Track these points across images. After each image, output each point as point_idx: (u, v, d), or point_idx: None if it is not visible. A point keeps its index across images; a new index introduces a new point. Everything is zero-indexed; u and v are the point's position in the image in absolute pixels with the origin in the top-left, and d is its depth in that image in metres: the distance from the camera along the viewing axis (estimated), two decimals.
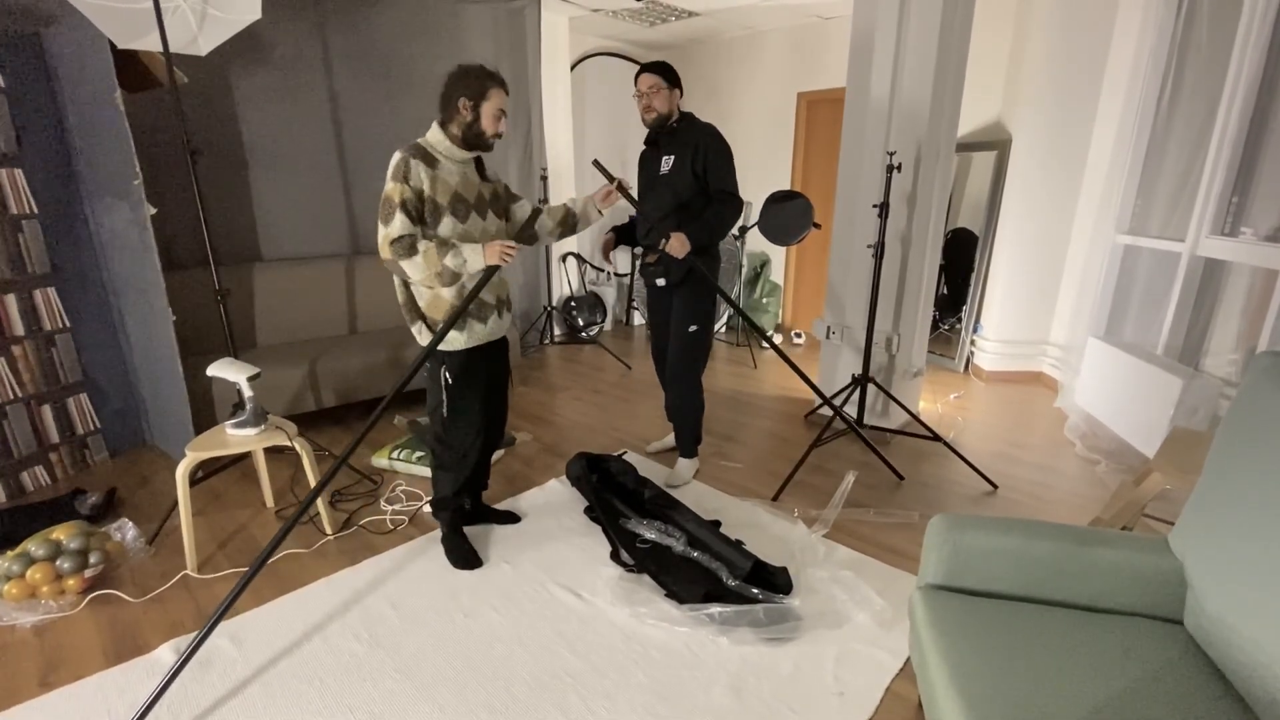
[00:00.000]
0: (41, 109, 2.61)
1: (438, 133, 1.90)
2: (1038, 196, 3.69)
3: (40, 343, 2.67)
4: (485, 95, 1.87)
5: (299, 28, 3.38)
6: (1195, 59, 2.91)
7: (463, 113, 1.86)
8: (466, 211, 1.92)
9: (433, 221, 1.88)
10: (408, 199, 1.81)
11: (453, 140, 1.90)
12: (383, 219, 1.83)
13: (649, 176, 2.57)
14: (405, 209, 1.81)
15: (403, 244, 1.81)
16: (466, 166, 1.95)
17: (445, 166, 1.89)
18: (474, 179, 1.97)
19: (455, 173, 1.90)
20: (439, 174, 1.87)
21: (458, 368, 2.02)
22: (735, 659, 1.72)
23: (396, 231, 1.81)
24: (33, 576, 1.93)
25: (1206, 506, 1.29)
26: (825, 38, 4.71)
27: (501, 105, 1.91)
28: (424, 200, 1.85)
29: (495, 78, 1.90)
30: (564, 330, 5.17)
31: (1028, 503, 2.57)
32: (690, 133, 2.44)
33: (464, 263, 1.84)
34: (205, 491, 2.65)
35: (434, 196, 1.85)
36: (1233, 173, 2.63)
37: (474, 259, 1.85)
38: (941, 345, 4.34)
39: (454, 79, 1.88)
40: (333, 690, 1.63)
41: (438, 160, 1.88)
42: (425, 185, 1.84)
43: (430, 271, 1.84)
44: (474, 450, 2.12)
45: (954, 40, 2.78)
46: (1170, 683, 1.12)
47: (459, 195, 1.90)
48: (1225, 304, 2.82)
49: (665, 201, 2.49)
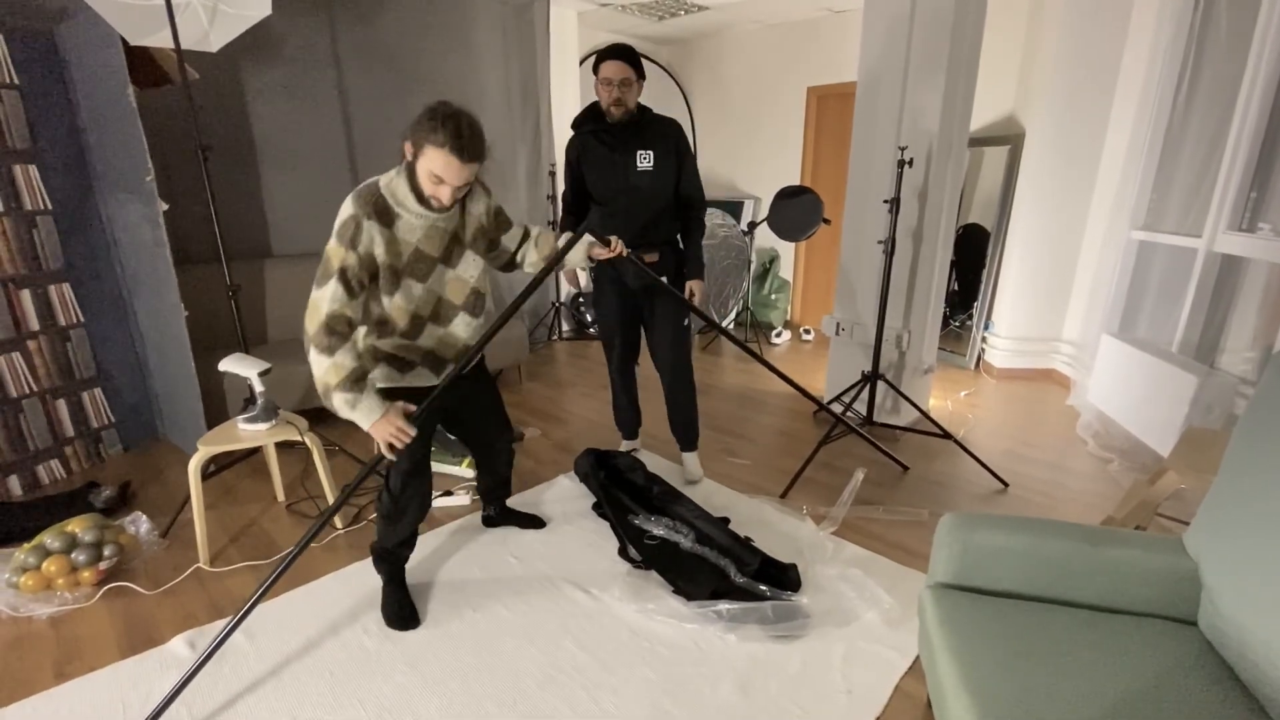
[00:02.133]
0: (55, 106, 2.64)
1: (404, 186, 1.56)
2: (1051, 191, 3.65)
3: (55, 337, 2.70)
4: (420, 151, 1.48)
5: (309, 23, 3.39)
6: (1213, 50, 2.86)
7: (406, 156, 1.54)
8: (430, 267, 1.65)
9: (388, 287, 1.60)
10: (349, 266, 1.51)
11: (420, 198, 1.56)
12: (317, 279, 1.53)
13: (621, 174, 2.32)
14: (344, 278, 1.51)
15: (325, 333, 1.50)
16: (439, 217, 1.62)
17: (405, 222, 1.58)
18: (445, 226, 1.65)
19: (418, 229, 1.60)
20: (397, 233, 1.57)
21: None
22: (743, 656, 1.72)
23: (325, 307, 1.50)
24: (48, 569, 1.95)
25: (1222, 506, 1.27)
26: (836, 32, 4.67)
27: (439, 171, 1.47)
28: (376, 265, 1.57)
29: (438, 132, 1.45)
30: (571, 326, 5.17)
31: (1039, 501, 2.55)
32: (663, 127, 2.35)
33: (348, 412, 1.54)
34: (217, 485, 2.67)
35: (390, 262, 1.57)
36: (1251, 167, 2.59)
37: (360, 418, 1.54)
38: (952, 342, 4.31)
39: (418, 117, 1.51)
40: (343, 683, 1.64)
41: (397, 215, 1.56)
42: (379, 250, 1.54)
43: (321, 381, 1.53)
44: (413, 506, 1.82)
45: (966, 33, 2.75)
46: (1183, 684, 1.11)
47: (421, 253, 1.62)
48: (1242, 300, 2.78)
49: (649, 202, 2.35)
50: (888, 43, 2.85)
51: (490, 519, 2.37)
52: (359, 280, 1.54)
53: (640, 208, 2.36)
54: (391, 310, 1.65)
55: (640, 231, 2.36)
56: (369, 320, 1.67)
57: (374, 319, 1.67)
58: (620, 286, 2.45)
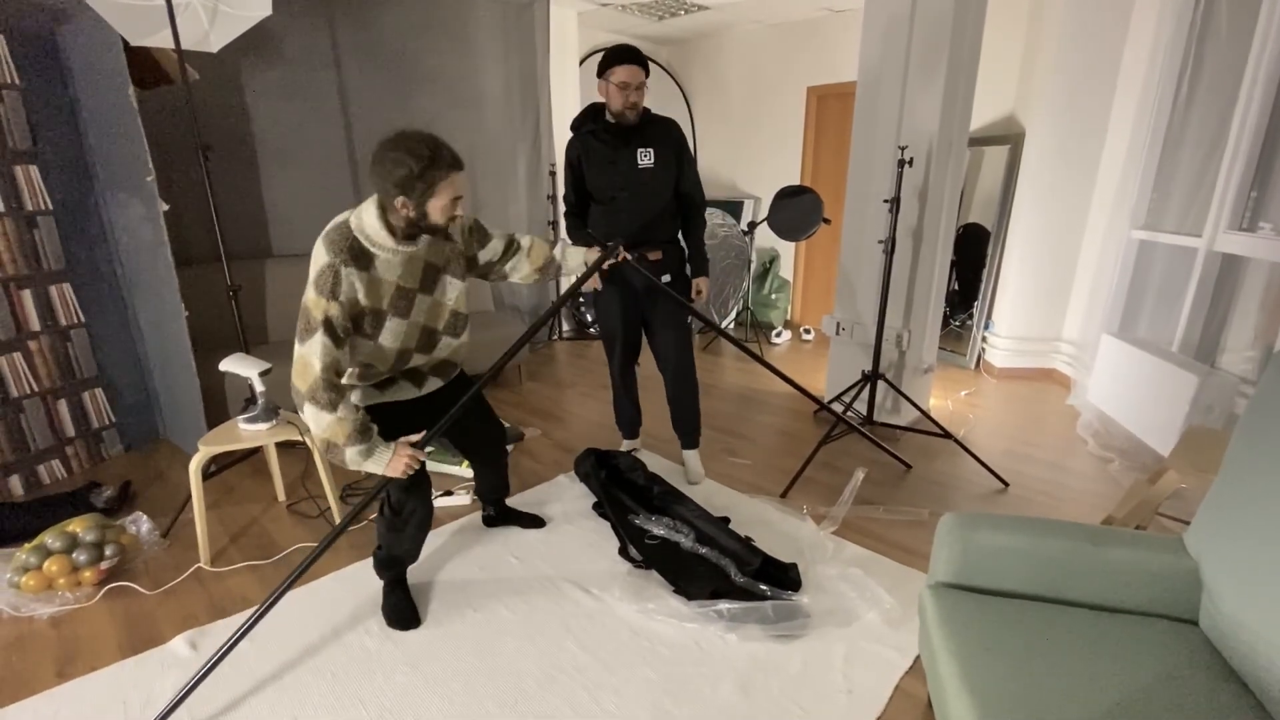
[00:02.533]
0: (56, 106, 2.64)
1: (376, 224, 1.51)
2: (1051, 191, 3.65)
3: (56, 338, 2.70)
4: (431, 191, 1.48)
5: (309, 24, 3.39)
6: (1214, 49, 2.86)
7: (402, 210, 1.49)
8: (410, 301, 1.63)
9: (373, 330, 1.59)
10: (333, 317, 1.47)
11: (393, 233, 1.53)
12: (299, 334, 1.49)
13: (623, 171, 2.33)
14: (330, 329, 1.47)
15: (324, 389, 1.47)
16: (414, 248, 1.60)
17: (382, 261, 1.54)
18: (421, 253, 1.63)
19: (395, 266, 1.57)
20: (376, 273, 1.53)
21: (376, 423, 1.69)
22: (744, 656, 1.72)
23: (318, 362, 1.46)
24: (49, 568, 1.95)
25: (1223, 506, 1.27)
26: (836, 31, 4.67)
27: (456, 193, 1.51)
28: (360, 309, 1.54)
29: (441, 162, 1.47)
30: (572, 326, 5.17)
31: (1039, 501, 2.55)
32: (663, 126, 2.38)
33: (361, 463, 1.53)
34: (218, 485, 2.67)
35: (373, 305, 1.55)
36: (1252, 166, 2.59)
37: (374, 465, 1.54)
38: (952, 342, 4.31)
39: (388, 162, 1.45)
40: (344, 684, 1.64)
41: (374, 256, 1.53)
42: (360, 295, 1.51)
43: (324, 438, 1.50)
44: (416, 516, 1.80)
45: (966, 32, 2.74)
46: (1184, 684, 1.11)
47: (401, 289, 1.60)
48: (1243, 300, 2.78)
49: (651, 199, 2.38)
50: (887, 42, 2.85)
51: (490, 519, 2.37)
52: (344, 329, 1.51)
53: (642, 205, 2.37)
54: (376, 351, 1.63)
55: (642, 229, 2.38)
56: (353, 362, 1.66)
57: (359, 362, 1.66)
58: (623, 286, 2.45)
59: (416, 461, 1.59)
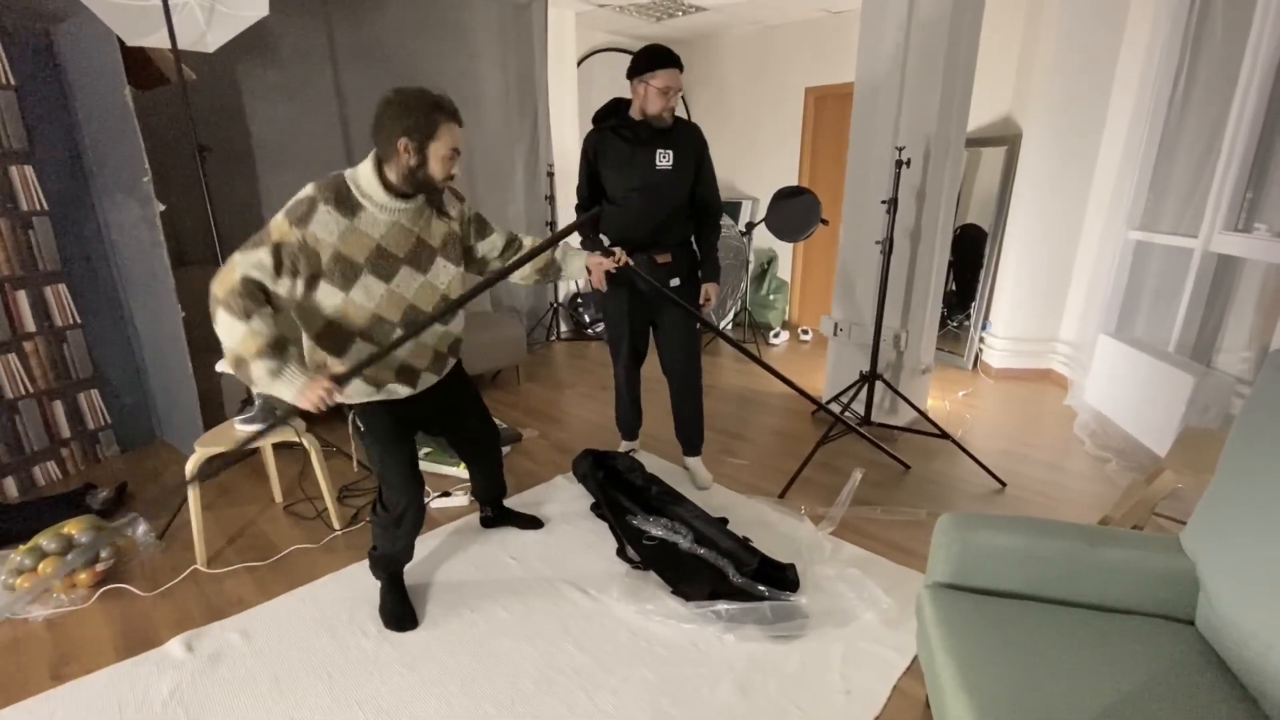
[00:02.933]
0: (51, 106, 2.63)
1: (370, 174, 1.52)
2: (1048, 192, 3.66)
3: (51, 338, 2.69)
4: (434, 134, 1.50)
5: (306, 24, 3.38)
6: (1209, 51, 2.87)
7: (404, 155, 1.49)
8: (394, 268, 1.57)
9: (343, 281, 1.50)
10: (287, 243, 1.43)
11: (387, 188, 1.52)
12: (244, 245, 1.45)
13: (640, 171, 2.30)
14: (277, 253, 1.42)
15: (239, 295, 1.39)
16: (402, 214, 1.58)
17: (368, 215, 1.52)
18: (410, 225, 1.60)
19: (382, 222, 1.54)
20: (358, 224, 1.51)
21: (369, 422, 1.73)
22: (742, 656, 1.72)
23: (242, 270, 1.40)
24: (44, 570, 1.94)
25: (1219, 506, 1.27)
26: (833, 32, 4.67)
27: (454, 143, 1.53)
28: (326, 257, 1.48)
29: (445, 108, 1.52)
30: (570, 327, 5.17)
31: (1037, 501, 2.56)
32: (687, 131, 2.36)
33: (270, 384, 1.41)
34: (214, 487, 2.66)
35: (346, 253, 1.49)
36: (1247, 167, 2.59)
37: (284, 389, 1.41)
38: (950, 342, 4.32)
39: (392, 109, 1.49)
40: (341, 685, 1.64)
41: (360, 207, 1.52)
42: (332, 237, 1.47)
43: (234, 351, 1.40)
44: (409, 516, 1.79)
45: (964, 34, 2.75)
46: (1181, 683, 1.11)
47: (384, 250, 1.55)
48: (1238, 301, 2.79)
49: (666, 201, 2.35)
50: (885, 44, 2.85)
51: (488, 520, 2.36)
52: (292, 261, 1.44)
53: (655, 207, 2.34)
54: (347, 307, 1.54)
55: (653, 231, 2.36)
56: (314, 325, 1.57)
57: (322, 322, 1.56)
58: (631, 289, 2.41)
59: (331, 397, 1.43)
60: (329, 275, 1.50)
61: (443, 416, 1.95)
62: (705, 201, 2.44)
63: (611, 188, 2.38)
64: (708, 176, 2.43)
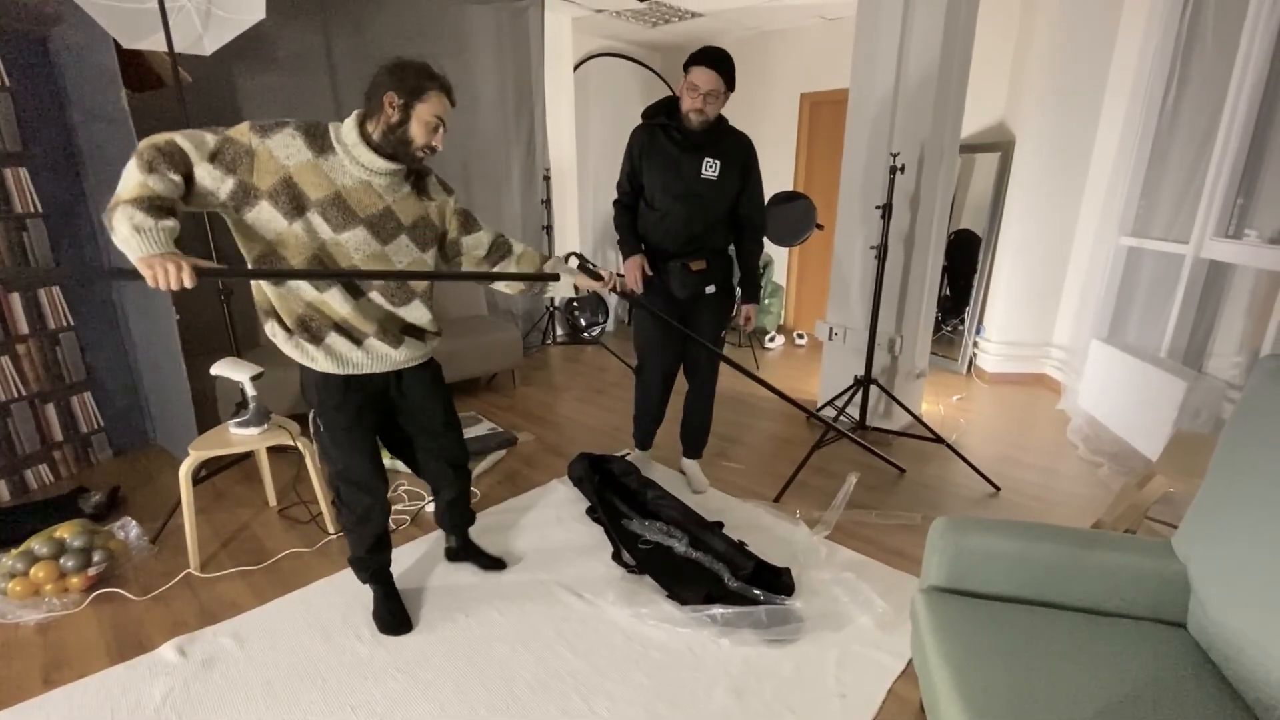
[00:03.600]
0: (47, 108, 2.62)
1: (352, 125, 1.50)
2: (1041, 198, 3.68)
3: (44, 341, 2.68)
4: (421, 95, 1.48)
5: (303, 27, 3.39)
6: (1200, 59, 2.90)
7: (388, 111, 1.47)
8: (347, 222, 1.50)
9: (288, 208, 1.44)
10: (237, 142, 1.39)
11: (366, 142, 1.49)
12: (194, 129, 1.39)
13: (684, 178, 2.24)
14: (222, 144, 1.38)
15: (155, 151, 1.30)
16: (375, 175, 1.53)
17: (336, 161, 1.49)
18: (382, 192, 1.55)
19: (351, 175, 1.50)
20: (321, 164, 1.46)
21: (323, 398, 1.63)
22: (737, 660, 1.72)
23: (177, 138, 1.33)
24: (36, 574, 1.93)
25: (1210, 510, 1.28)
26: (829, 39, 4.70)
27: (440, 113, 1.52)
28: (274, 179, 1.42)
29: (438, 79, 1.52)
30: (566, 330, 5.17)
31: (1030, 505, 2.57)
32: (734, 140, 2.29)
33: (127, 236, 1.25)
34: (208, 490, 2.65)
35: (297, 181, 1.44)
36: (1237, 174, 2.62)
37: (135, 245, 1.25)
38: (944, 347, 4.34)
39: (388, 69, 1.49)
40: (335, 690, 1.63)
41: (331, 150, 1.48)
42: (289, 162, 1.43)
43: (118, 195, 1.28)
44: (374, 514, 1.75)
45: (958, 41, 2.77)
46: (1173, 686, 1.12)
47: (341, 201, 1.49)
48: (1229, 306, 2.81)
49: (708, 212, 2.30)
50: (880, 50, 2.87)
51: (452, 552, 2.17)
52: (233, 159, 1.38)
53: (695, 215, 2.28)
54: (288, 238, 1.47)
55: (689, 240, 2.32)
56: (253, 249, 1.49)
57: (261, 247, 1.49)
58: (668, 296, 2.36)
59: (179, 275, 1.27)
60: (274, 198, 1.43)
61: (408, 412, 1.79)
62: (748, 218, 2.38)
63: (651, 190, 2.31)
64: (754, 191, 2.36)
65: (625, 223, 2.41)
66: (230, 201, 1.42)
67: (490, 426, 3.13)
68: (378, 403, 1.73)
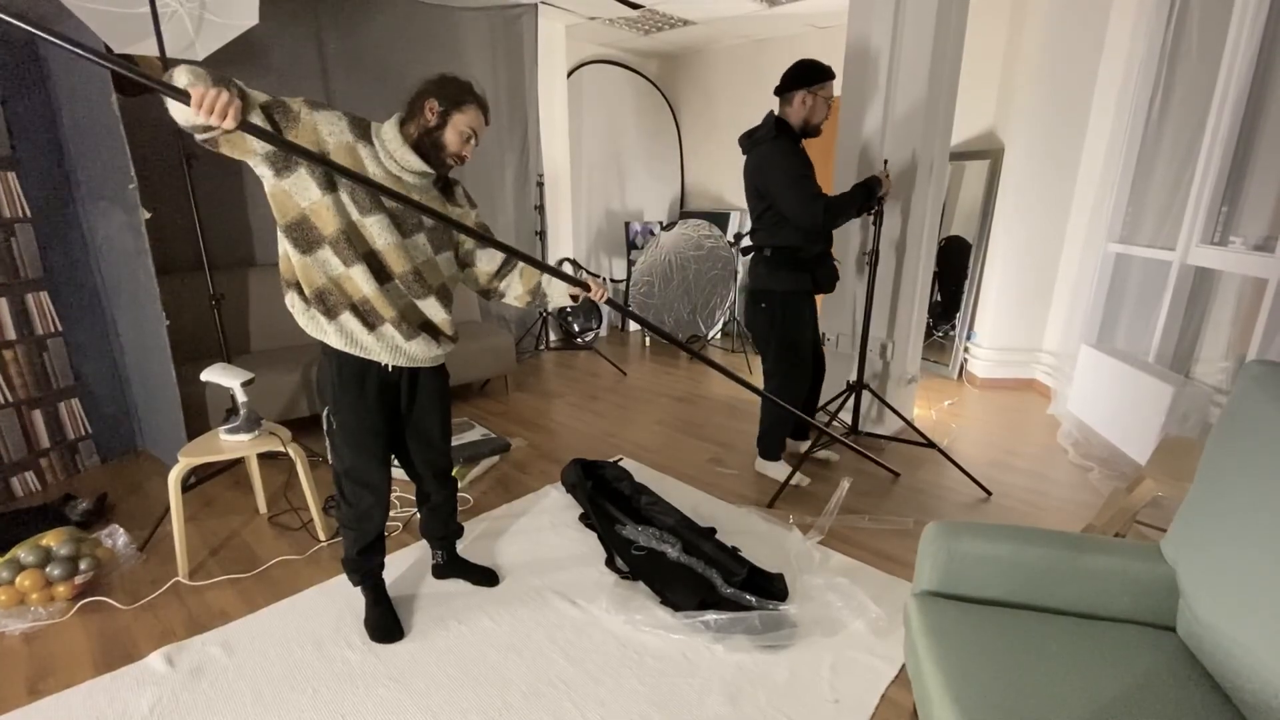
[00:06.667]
0: (36, 113, 2.61)
1: (392, 125, 1.58)
2: (1030, 205, 3.72)
3: (32, 347, 2.65)
4: (460, 106, 1.58)
5: (296, 33, 3.38)
6: (1185, 68, 2.95)
7: (427, 115, 1.56)
8: (373, 207, 1.55)
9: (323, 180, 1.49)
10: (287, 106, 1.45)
11: (406, 138, 1.56)
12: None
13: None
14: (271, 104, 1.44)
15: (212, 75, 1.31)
16: (408, 174, 1.59)
17: (372, 154, 1.55)
18: (408, 192, 1.59)
19: (383, 168, 1.56)
20: (359, 149, 1.53)
21: (337, 396, 1.66)
22: (731, 666, 1.72)
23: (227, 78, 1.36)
24: (22, 583, 1.91)
25: (1198, 513, 1.30)
26: (819, 47, 4.74)
27: (475, 126, 1.61)
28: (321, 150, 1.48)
29: (479, 97, 1.61)
30: (560, 336, 5.17)
31: (1021, 509, 2.58)
32: None
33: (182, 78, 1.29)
34: (197, 497, 2.63)
35: (335, 158, 1.50)
36: (1222, 182, 2.66)
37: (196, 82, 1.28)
38: (935, 352, 4.36)
39: (432, 81, 1.59)
40: (326, 699, 1.61)
41: (369, 143, 1.56)
42: (330, 139, 1.50)
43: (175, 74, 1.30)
44: (376, 511, 1.78)
45: (948, 50, 2.80)
46: (1162, 689, 1.12)
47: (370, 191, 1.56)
48: (1215, 312, 2.85)
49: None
50: (870, 58, 2.90)
51: (439, 568, 2.11)
52: (280, 116, 1.44)
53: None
54: (321, 209, 1.51)
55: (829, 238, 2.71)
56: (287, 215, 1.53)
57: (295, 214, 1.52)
58: (812, 295, 2.63)
59: (223, 111, 1.26)
60: (311, 169, 1.49)
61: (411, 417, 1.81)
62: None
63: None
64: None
65: (842, 194, 2.59)
66: (268, 159, 1.47)
67: (483, 432, 3.12)
68: (387, 399, 1.74)
